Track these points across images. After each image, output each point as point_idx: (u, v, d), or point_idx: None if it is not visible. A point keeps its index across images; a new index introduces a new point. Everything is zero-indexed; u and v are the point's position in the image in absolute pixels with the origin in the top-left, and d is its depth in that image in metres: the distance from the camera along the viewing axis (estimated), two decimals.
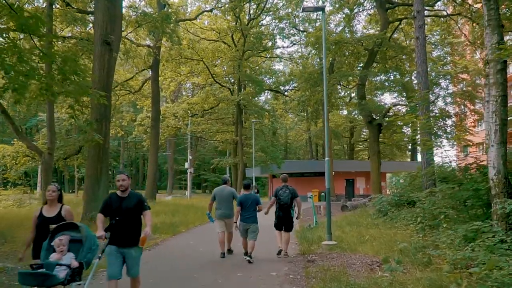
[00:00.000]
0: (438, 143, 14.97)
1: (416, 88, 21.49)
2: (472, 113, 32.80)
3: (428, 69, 31.45)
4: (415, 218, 12.14)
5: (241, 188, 13.76)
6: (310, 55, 32.10)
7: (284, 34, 35.94)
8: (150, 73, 30.00)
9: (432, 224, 9.97)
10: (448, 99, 29.24)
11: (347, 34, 22.01)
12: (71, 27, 21.49)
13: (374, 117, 19.97)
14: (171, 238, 11.67)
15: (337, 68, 22.77)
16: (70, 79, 9.80)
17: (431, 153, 14.31)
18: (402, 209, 15.13)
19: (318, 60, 29.89)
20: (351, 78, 28.38)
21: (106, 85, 13.77)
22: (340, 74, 20.52)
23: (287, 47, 51.47)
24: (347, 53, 22.22)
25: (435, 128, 17.11)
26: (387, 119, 19.31)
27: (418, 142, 15.63)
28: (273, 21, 36.28)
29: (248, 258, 8.25)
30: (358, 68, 23.17)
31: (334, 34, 20.88)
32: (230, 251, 9.11)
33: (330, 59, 27.12)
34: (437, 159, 15.90)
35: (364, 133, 50.77)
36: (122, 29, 27.08)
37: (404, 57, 25.38)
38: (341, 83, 23.45)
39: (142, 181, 71.25)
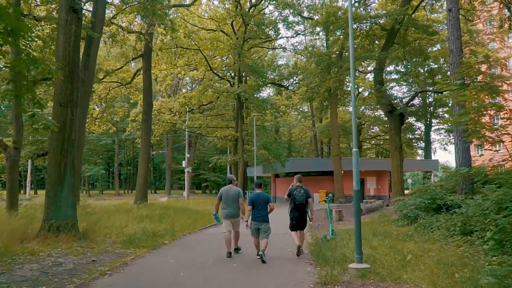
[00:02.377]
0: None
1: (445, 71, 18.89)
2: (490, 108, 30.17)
3: (442, 61, 28.68)
4: (460, 228, 9.57)
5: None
6: (318, 38, 29.35)
7: (288, 23, 33.21)
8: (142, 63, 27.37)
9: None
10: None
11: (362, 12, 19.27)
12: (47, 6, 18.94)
13: (394, 106, 17.33)
14: (148, 254, 9.02)
15: (346, 56, 19.99)
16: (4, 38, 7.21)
17: (473, 147, 11.71)
18: (435, 215, 12.53)
19: (325, 47, 27.24)
20: (363, 64, 25.76)
21: (72, 62, 11.18)
22: (355, 56, 17.79)
23: (291, 37, 48.68)
24: (360, 36, 19.52)
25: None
26: (409, 109, 16.76)
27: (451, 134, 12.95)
28: (277, 9, 33.60)
29: (260, 257, 8.04)
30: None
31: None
32: (237, 249, 9.05)
33: (335, 46, 24.38)
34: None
35: (372, 131, 48.19)
36: (114, 16, 24.69)
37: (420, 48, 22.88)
38: (356, 69, 20.71)
39: None
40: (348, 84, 35.27)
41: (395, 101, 24.79)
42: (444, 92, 15.83)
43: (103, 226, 12.77)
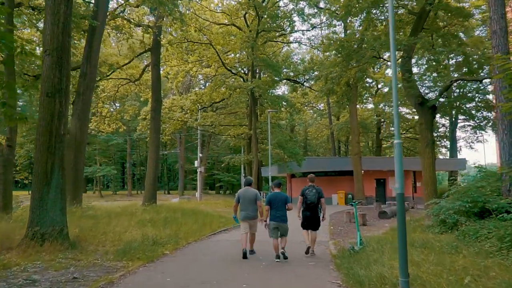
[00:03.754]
0: None
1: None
2: None
3: (468, 50, 26.53)
4: None
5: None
6: (339, 25, 27.50)
7: (304, 15, 31.50)
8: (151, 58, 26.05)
9: None
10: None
11: None
12: None
13: (425, 97, 15.58)
14: (142, 269, 7.58)
15: (369, 43, 18.10)
16: None
17: None
18: (477, 221, 10.85)
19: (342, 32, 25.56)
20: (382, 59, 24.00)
21: (61, 46, 9.83)
22: (380, 43, 16.11)
23: (307, 30, 46.85)
24: (384, 22, 17.74)
25: None
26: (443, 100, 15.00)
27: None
28: (292, 1, 31.92)
29: (281, 256, 8.14)
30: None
31: None
32: (252, 252, 8.91)
33: (356, 31, 22.70)
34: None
35: (392, 128, 46.17)
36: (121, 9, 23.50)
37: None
38: (381, 57, 18.85)
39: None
40: (368, 79, 33.50)
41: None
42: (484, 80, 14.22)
43: (100, 231, 11.41)
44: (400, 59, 15.79)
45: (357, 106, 36.41)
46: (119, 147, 59.79)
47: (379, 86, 41.87)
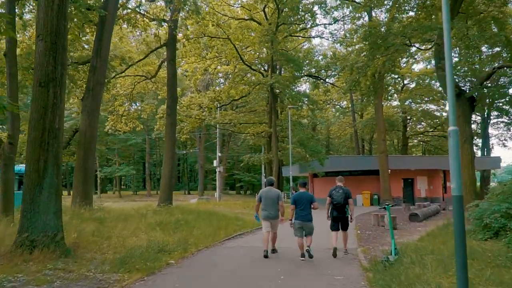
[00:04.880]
0: None
1: None
2: None
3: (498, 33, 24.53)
4: None
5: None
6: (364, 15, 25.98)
7: (326, 8, 30.04)
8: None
9: None
10: None
11: None
12: None
13: (463, 88, 14.07)
14: (138, 284, 6.46)
15: (397, 32, 16.56)
16: None
17: None
18: None
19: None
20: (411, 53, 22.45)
21: (56, 31, 8.84)
22: (412, 28, 14.55)
23: (329, 24, 45.31)
24: (415, 8, 16.25)
25: None
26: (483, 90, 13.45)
27: None
28: None
29: (306, 254, 8.21)
30: None
31: None
32: (274, 251, 9.07)
33: (382, 22, 21.24)
34: None
35: (420, 126, 44.29)
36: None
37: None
38: (413, 44, 17.20)
39: (177, 182, 67.62)
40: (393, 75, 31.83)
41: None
42: None
43: (104, 236, 10.40)
44: (433, 46, 14.29)
45: (382, 103, 34.78)
46: (139, 146, 59.44)
47: (405, 81, 40.15)
